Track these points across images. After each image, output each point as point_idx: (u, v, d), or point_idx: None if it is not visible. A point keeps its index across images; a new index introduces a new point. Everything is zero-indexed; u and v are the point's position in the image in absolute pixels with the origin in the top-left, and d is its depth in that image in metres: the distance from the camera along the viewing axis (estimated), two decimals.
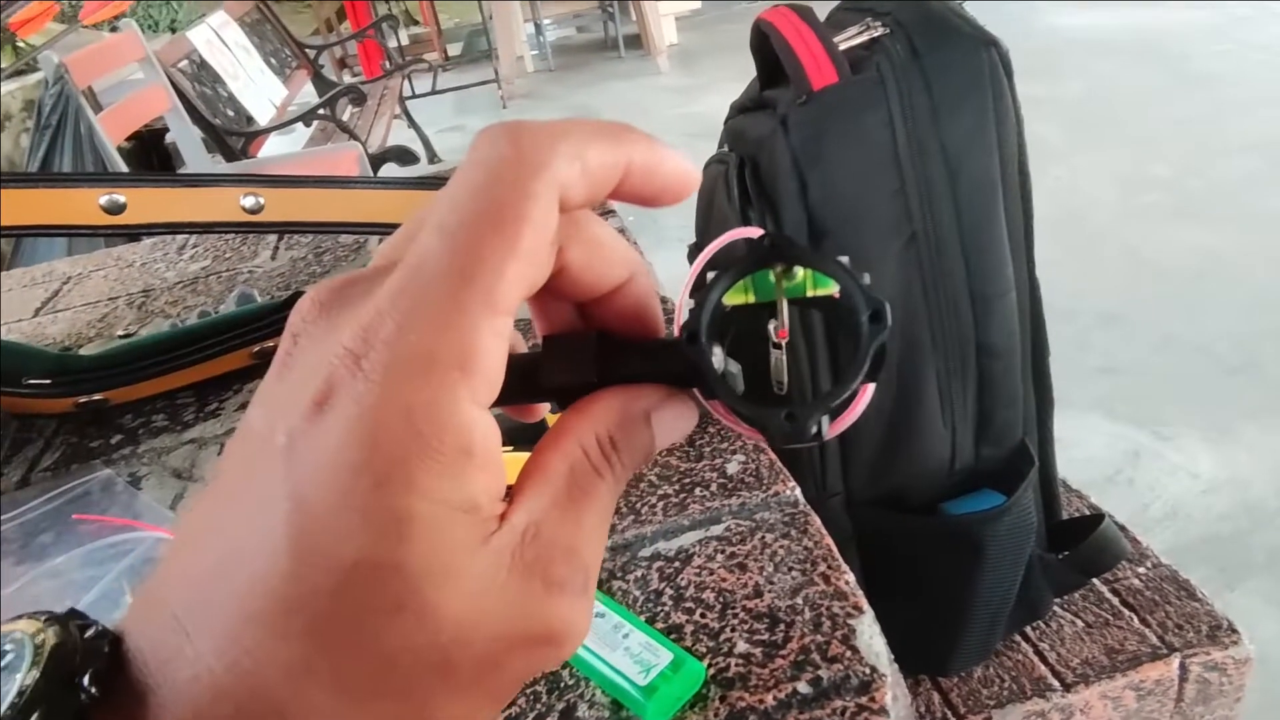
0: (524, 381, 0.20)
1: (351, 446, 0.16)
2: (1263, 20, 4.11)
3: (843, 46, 0.70)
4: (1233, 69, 3.65)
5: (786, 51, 0.68)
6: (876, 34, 0.70)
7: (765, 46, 0.74)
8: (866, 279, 0.20)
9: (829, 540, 0.40)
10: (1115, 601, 0.86)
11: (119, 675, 0.17)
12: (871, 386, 0.20)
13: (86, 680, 0.16)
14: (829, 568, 0.39)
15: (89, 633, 0.17)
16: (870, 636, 0.35)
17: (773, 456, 0.46)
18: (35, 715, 0.15)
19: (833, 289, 0.20)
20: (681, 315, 0.22)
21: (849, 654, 0.34)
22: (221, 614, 0.16)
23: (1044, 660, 0.83)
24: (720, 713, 0.33)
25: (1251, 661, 0.82)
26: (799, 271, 0.20)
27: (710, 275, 0.20)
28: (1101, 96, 3.63)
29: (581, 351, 0.20)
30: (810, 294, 0.20)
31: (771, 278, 0.20)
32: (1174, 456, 1.80)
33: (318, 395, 0.17)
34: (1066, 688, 0.80)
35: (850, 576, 0.38)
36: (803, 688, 0.34)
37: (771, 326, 0.20)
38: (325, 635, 0.16)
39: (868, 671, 0.34)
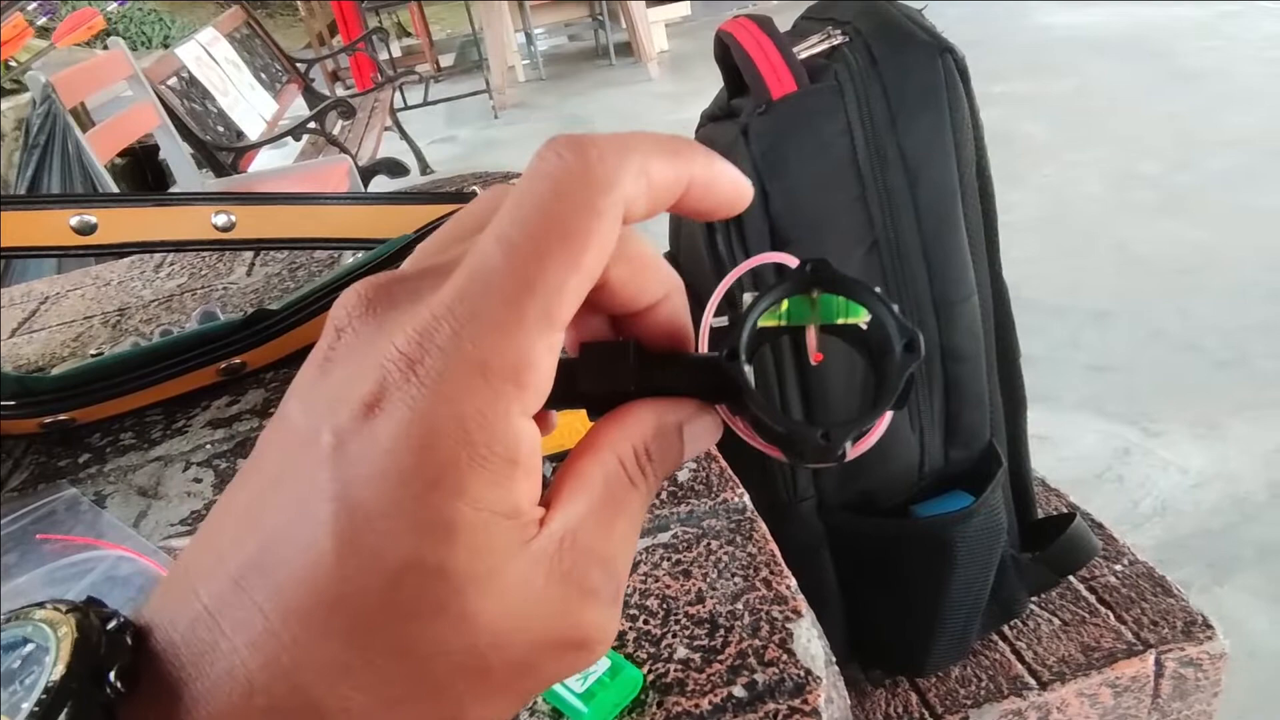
0: (558, 386, 0.20)
1: (403, 450, 0.16)
2: (1250, 16, 4.12)
3: (803, 55, 0.71)
4: (1221, 65, 3.66)
5: (746, 61, 0.69)
6: (836, 42, 0.71)
7: (728, 56, 0.75)
8: (897, 308, 0.20)
9: (773, 546, 0.41)
10: (1092, 599, 0.87)
11: (146, 669, 0.16)
12: (891, 413, 0.20)
13: (113, 675, 0.16)
14: (771, 573, 0.39)
15: (110, 624, 0.17)
16: (808, 640, 0.36)
17: (723, 465, 0.47)
18: (64, 713, 0.15)
19: (862, 318, 0.20)
20: (707, 331, 0.23)
21: (785, 657, 0.35)
22: (260, 610, 0.16)
23: (1021, 659, 0.83)
24: (657, 718, 0.34)
25: (1227, 656, 0.82)
26: (832, 298, 0.21)
27: (747, 296, 0.21)
28: (1091, 94, 3.65)
29: (619, 361, 0.21)
30: (840, 321, 0.21)
31: (807, 304, 0.21)
32: (1164, 452, 1.81)
33: (368, 397, 0.17)
34: (1043, 686, 0.80)
35: (792, 581, 0.39)
36: (738, 691, 0.34)
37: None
38: (366, 635, 0.16)
39: (802, 674, 0.34)
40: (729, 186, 0.20)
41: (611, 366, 0.21)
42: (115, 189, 2.24)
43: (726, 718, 0.33)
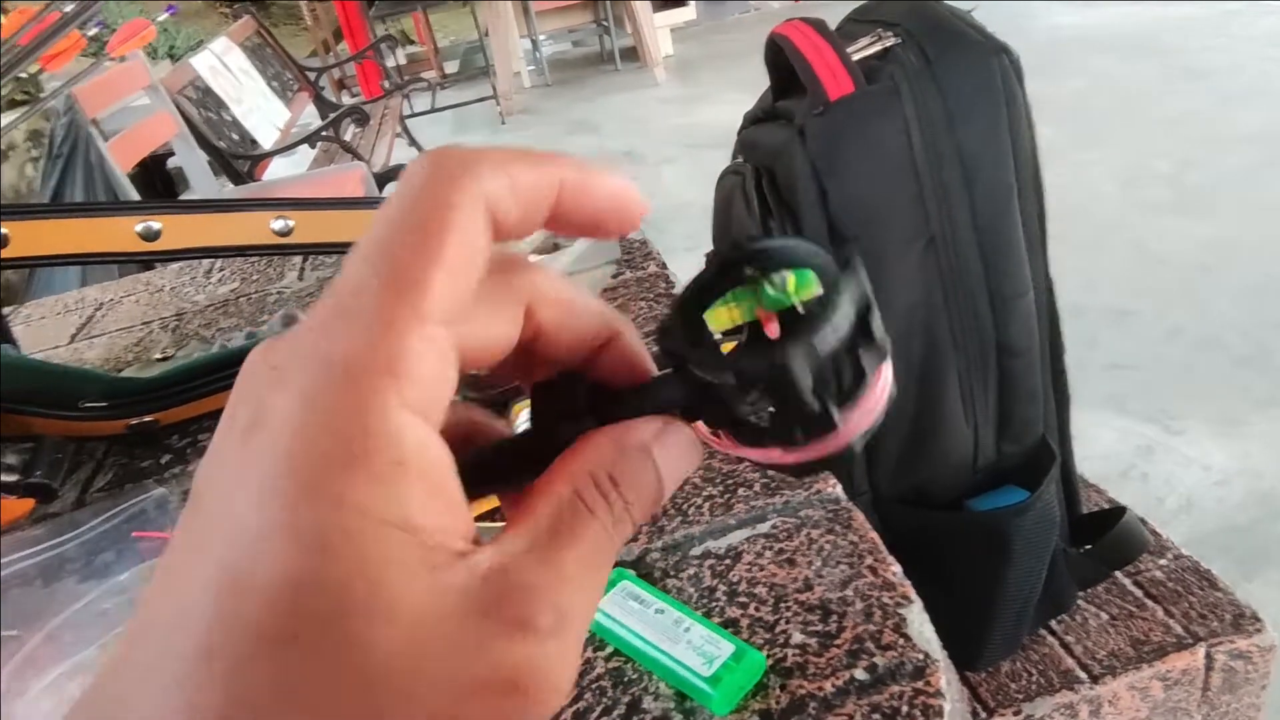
0: (523, 459, 0.19)
1: (270, 461, 0.15)
2: (1255, 13, 4.14)
3: (857, 57, 0.72)
4: (1228, 62, 3.68)
5: (802, 64, 0.70)
6: (889, 44, 0.72)
7: (780, 59, 0.76)
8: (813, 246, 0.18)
9: (874, 535, 0.42)
10: (1139, 593, 0.87)
11: None
12: (886, 367, 0.19)
13: None
14: (875, 560, 0.40)
15: None
16: (920, 625, 0.37)
17: None
18: None
19: (813, 288, 0.18)
20: None
21: (901, 641, 0.36)
22: (152, 686, 0.15)
23: (1070, 653, 0.84)
24: (782, 700, 0.35)
25: (1277, 649, 0.83)
26: (768, 277, 0.18)
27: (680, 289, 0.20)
28: (1101, 93, 3.66)
29: (569, 394, 0.20)
30: (799, 299, 0.18)
31: (748, 292, 0.19)
32: (1186, 449, 1.81)
33: (247, 422, 0.16)
34: (1094, 679, 0.81)
35: (897, 568, 0.40)
36: (860, 675, 0.35)
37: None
38: (246, 676, 0.14)
39: (921, 658, 0.35)
40: (610, 196, 0.19)
41: (562, 400, 0.20)
42: (137, 197, 2.25)
43: (850, 700, 0.34)
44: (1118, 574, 0.90)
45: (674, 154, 3.95)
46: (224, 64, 3.06)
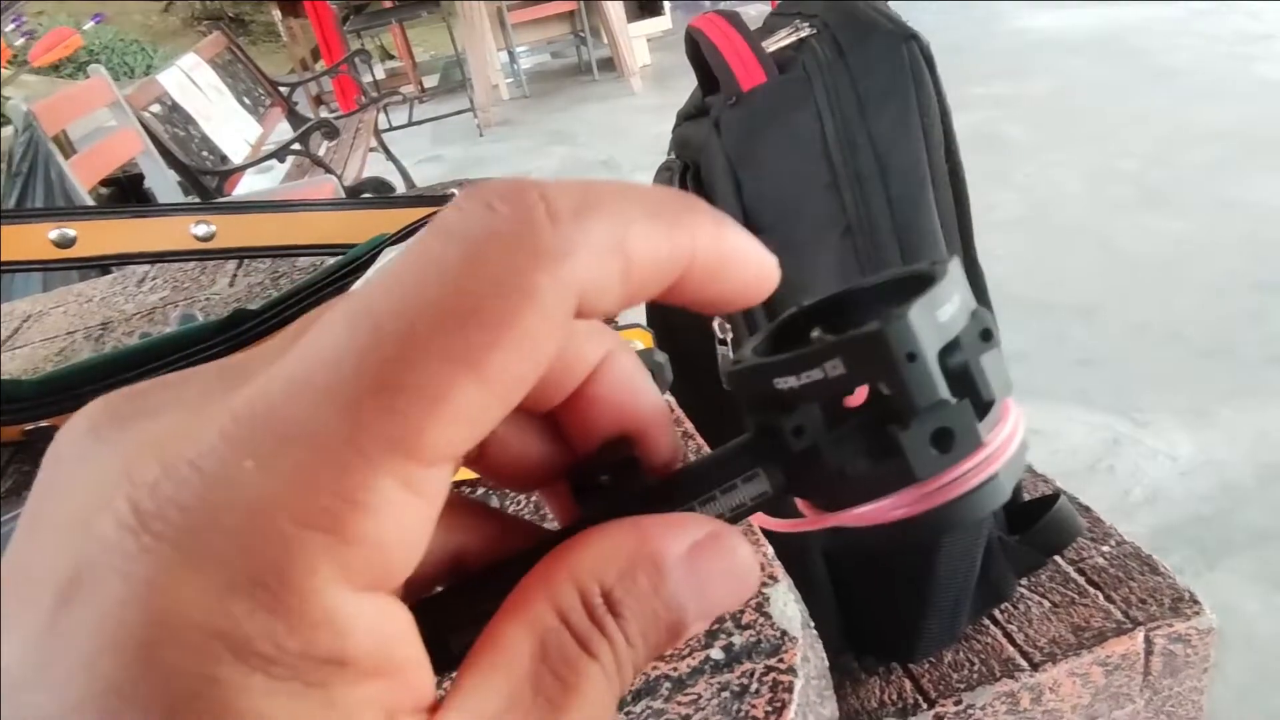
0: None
1: (107, 655, 0.10)
2: (1220, 14, 4.18)
3: (772, 49, 0.72)
4: (1193, 62, 3.71)
5: (715, 55, 0.70)
6: (803, 35, 0.72)
7: (699, 54, 0.76)
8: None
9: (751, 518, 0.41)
10: (1080, 580, 0.87)
11: None
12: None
13: None
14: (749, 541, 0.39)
15: None
16: (784, 604, 0.36)
17: (700, 442, 0.48)
18: None
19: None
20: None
21: (761, 620, 0.35)
22: None
23: (1012, 641, 0.83)
24: (636, 682, 0.34)
25: (1215, 632, 0.83)
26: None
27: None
28: (1068, 94, 3.69)
29: (629, 479, 0.15)
30: None
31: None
32: (1153, 442, 1.82)
33: (64, 583, 0.11)
34: (1035, 667, 0.81)
35: (768, 549, 0.39)
36: (715, 654, 0.34)
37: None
38: None
39: (778, 635, 0.35)
40: (748, 268, 0.14)
41: (612, 494, 0.15)
42: None
43: (704, 679, 0.34)
44: (1060, 561, 0.89)
45: (650, 162, 3.94)
46: (192, 80, 3.05)
